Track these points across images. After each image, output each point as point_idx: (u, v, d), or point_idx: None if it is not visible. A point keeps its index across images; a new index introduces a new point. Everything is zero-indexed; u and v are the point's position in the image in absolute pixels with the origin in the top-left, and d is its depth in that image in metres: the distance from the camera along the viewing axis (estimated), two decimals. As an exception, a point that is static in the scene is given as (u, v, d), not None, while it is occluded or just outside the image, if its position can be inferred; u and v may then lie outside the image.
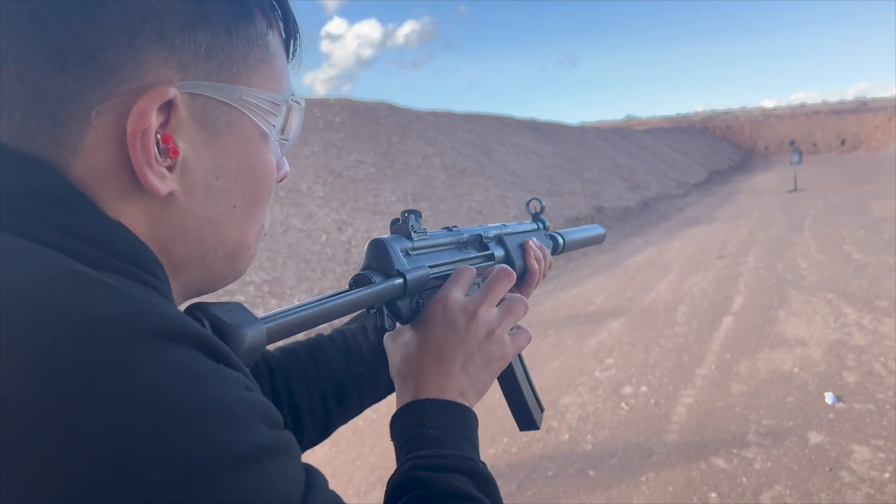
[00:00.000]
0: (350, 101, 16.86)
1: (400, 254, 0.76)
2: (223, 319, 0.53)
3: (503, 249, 1.00)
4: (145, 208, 0.52)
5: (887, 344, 5.69)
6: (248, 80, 0.56)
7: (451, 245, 0.89)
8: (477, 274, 0.90)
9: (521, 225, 1.09)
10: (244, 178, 0.57)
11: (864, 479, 3.61)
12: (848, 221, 13.42)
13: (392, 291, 0.73)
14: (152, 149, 0.50)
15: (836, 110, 62.70)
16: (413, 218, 0.81)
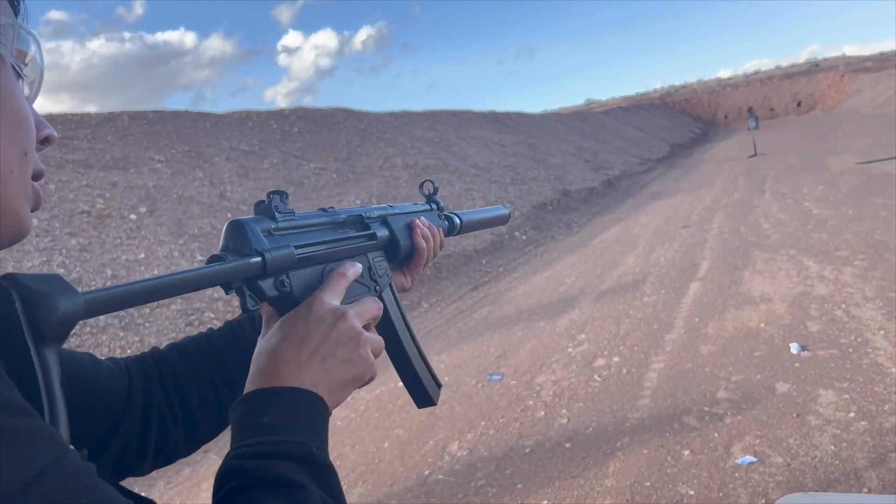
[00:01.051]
0: (306, 109, 16.80)
1: (260, 234, 0.73)
2: (33, 288, 0.51)
3: (387, 230, 0.97)
4: None
5: (848, 291, 5.81)
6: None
7: (326, 225, 0.86)
8: (359, 252, 0.90)
9: (411, 206, 1.07)
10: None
11: (831, 421, 3.69)
12: (807, 179, 13.65)
13: (249, 269, 0.70)
14: None
15: (789, 74, 63.66)
16: (278, 198, 0.78)
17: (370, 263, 0.92)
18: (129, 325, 6.32)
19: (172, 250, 8.12)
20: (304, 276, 0.79)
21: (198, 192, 10.25)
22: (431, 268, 9.97)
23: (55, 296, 0.52)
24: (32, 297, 0.51)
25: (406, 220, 1.01)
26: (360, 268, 0.85)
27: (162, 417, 0.86)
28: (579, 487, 3.50)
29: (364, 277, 0.89)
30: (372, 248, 0.93)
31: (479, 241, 11.79)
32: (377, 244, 0.94)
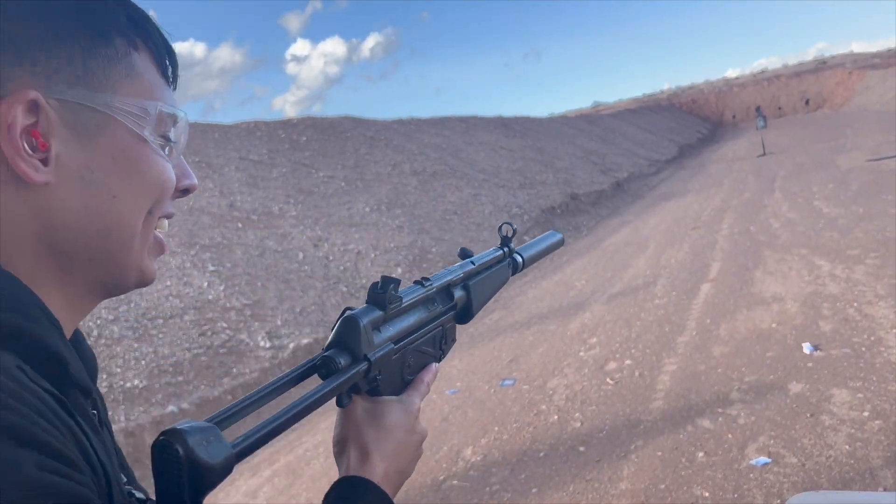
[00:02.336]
0: (314, 118, 16.89)
1: (370, 332, 0.79)
2: (196, 451, 0.58)
3: (465, 293, 1.01)
4: (29, 201, 0.60)
5: (860, 290, 5.78)
6: (114, 90, 0.64)
7: (421, 303, 0.90)
8: (440, 325, 0.95)
9: (488, 255, 1.11)
10: (122, 172, 0.64)
11: (845, 420, 3.68)
12: (817, 178, 13.59)
13: (356, 378, 0.77)
14: (20, 142, 0.58)
15: (796, 72, 63.32)
16: (392, 288, 0.82)
17: (444, 332, 0.97)
18: (143, 336, 6.37)
19: (184, 261, 8.18)
20: (390, 367, 0.84)
21: (208, 203, 10.32)
22: (442, 274, 9.99)
23: (215, 457, 0.59)
24: (195, 459, 0.57)
25: (486, 283, 1.08)
26: (436, 370, 0.94)
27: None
28: (594, 491, 3.51)
29: (434, 348, 0.95)
30: (451, 318, 0.98)
31: (487, 246, 11.77)
32: (456, 312, 1.00)
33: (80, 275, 0.65)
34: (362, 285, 9.08)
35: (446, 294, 0.97)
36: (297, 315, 7.74)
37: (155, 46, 0.70)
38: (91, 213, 0.63)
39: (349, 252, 9.98)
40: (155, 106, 0.68)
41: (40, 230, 0.61)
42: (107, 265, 0.66)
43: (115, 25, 0.65)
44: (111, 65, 0.64)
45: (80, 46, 0.62)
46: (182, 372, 6.01)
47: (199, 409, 5.57)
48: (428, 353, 0.93)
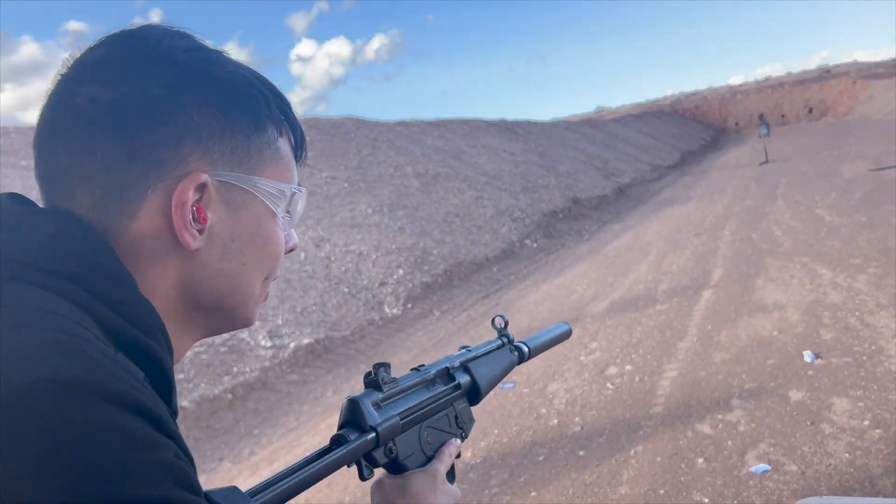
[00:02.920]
0: (318, 119, 16.91)
1: (371, 409, 0.85)
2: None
3: (469, 376, 1.07)
4: (178, 260, 0.70)
5: (861, 299, 5.79)
6: (262, 172, 0.75)
7: (420, 385, 0.96)
8: (448, 405, 1.01)
9: (486, 345, 1.16)
10: (254, 243, 0.75)
11: (845, 429, 3.68)
12: (819, 186, 13.59)
13: (366, 446, 0.82)
14: (188, 216, 0.68)
15: (800, 80, 63.39)
16: (383, 371, 0.88)
17: (456, 413, 1.03)
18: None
19: (186, 259, 8.20)
20: (405, 440, 0.90)
21: (211, 202, 10.33)
22: (443, 276, 10.01)
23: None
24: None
25: (486, 363, 1.12)
26: (459, 444, 1.00)
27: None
28: (593, 495, 3.51)
29: (452, 426, 1.02)
30: (458, 398, 1.04)
31: (490, 248, 11.83)
32: (462, 392, 1.05)
33: (201, 321, 0.75)
34: (364, 286, 9.09)
35: (447, 377, 1.03)
36: (298, 315, 7.75)
37: (293, 132, 0.81)
38: (225, 275, 0.73)
39: (351, 253, 9.98)
40: (290, 188, 0.78)
41: (183, 283, 0.71)
42: (225, 315, 0.76)
43: (269, 115, 0.75)
44: (262, 150, 0.75)
45: (243, 135, 0.72)
46: (182, 369, 6.02)
47: (199, 407, 5.57)
48: (446, 431, 0.99)
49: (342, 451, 0.80)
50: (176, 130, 0.68)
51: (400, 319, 8.44)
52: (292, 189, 0.78)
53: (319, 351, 7.11)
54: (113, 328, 0.61)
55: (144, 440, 0.51)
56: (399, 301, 8.87)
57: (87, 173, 0.67)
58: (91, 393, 0.50)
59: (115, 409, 0.50)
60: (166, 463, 0.52)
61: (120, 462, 0.48)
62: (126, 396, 0.52)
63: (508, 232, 13.04)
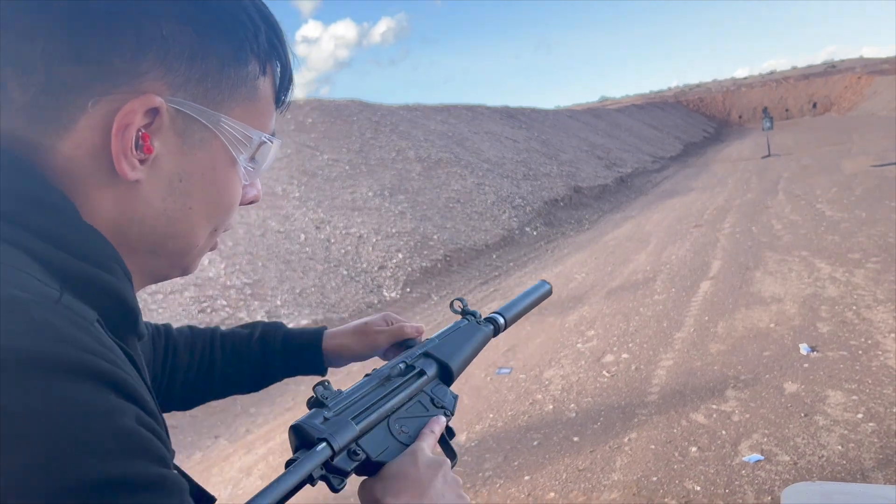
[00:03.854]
0: (320, 101, 16.85)
1: (318, 425, 0.80)
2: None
3: (434, 361, 1.02)
4: (115, 190, 0.62)
5: (859, 294, 5.80)
6: (229, 111, 0.66)
7: (374, 387, 0.91)
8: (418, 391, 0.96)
9: (449, 328, 1.11)
10: (205, 188, 0.66)
11: (839, 422, 3.70)
12: (821, 181, 13.58)
13: (320, 456, 0.76)
14: (130, 141, 0.59)
15: (805, 74, 63.20)
16: (321, 389, 0.84)
17: (430, 395, 0.98)
18: (142, 310, 6.37)
19: (186, 237, 8.20)
20: (373, 439, 0.85)
21: (212, 181, 10.32)
22: (442, 261, 10.02)
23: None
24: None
25: (450, 341, 1.07)
26: (443, 420, 0.94)
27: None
28: (586, 480, 3.53)
29: (431, 409, 0.96)
30: (426, 383, 0.98)
31: (490, 235, 11.83)
32: (429, 378, 0.99)
33: (137, 265, 0.66)
34: (363, 269, 9.09)
35: (406, 370, 0.97)
36: (297, 296, 7.76)
37: (281, 72, 0.72)
38: (167, 217, 0.65)
39: (351, 236, 9.98)
40: (260, 136, 0.69)
41: (118, 220, 0.62)
42: (163, 261, 0.68)
43: (254, 48, 0.67)
44: (236, 86, 0.66)
45: (217, 63, 0.64)
46: (180, 347, 6.04)
47: (197, 385, 5.60)
48: (424, 416, 0.94)
49: (295, 472, 0.73)
50: (138, 39, 0.59)
51: (398, 303, 8.45)
52: (262, 137, 0.70)
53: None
54: (57, 266, 0.55)
55: (95, 409, 0.45)
56: (398, 285, 8.88)
57: (24, 62, 0.58)
58: (25, 363, 0.44)
59: (57, 378, 0.45)
60: (124, 431, 0.46)
61: (67, 438, 0.43)
62: (70, 360, 0.46)
63: (509, 219, 13.03)
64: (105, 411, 0.46)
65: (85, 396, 0.45)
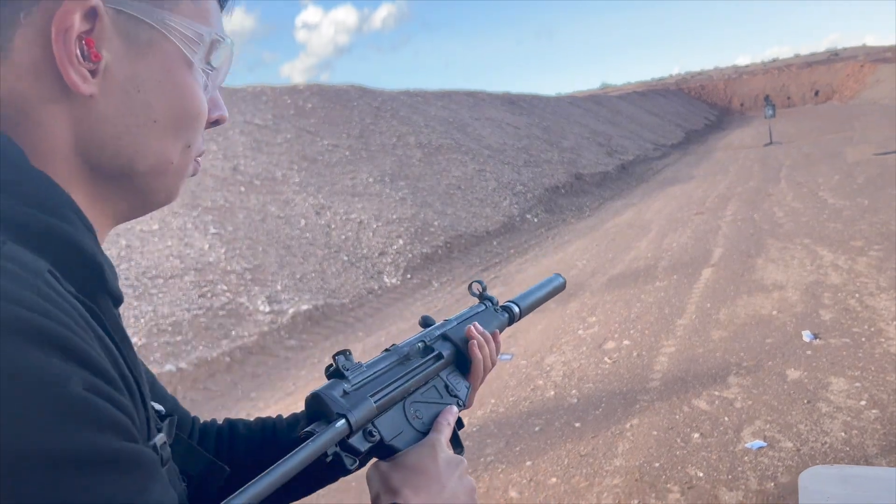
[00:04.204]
0: (320, 86, 16.77)
1: (338, 398, 0.77)
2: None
3: (451, 344, 1.00)
4: (69, 112, 0.57)
5: (862, 281, 5.78)
6: (174, 9, 0.61)
7: (393, 365, 0.89)
8: (431, 376, 0.93)
9: (467, 312, 1.09)
10: (165, 95, 0.61)
11: (841, 408, 3.69)
12: (823, 169, 13.53)
13: (338, 434, 0.73)
14: (74, 49, 0.54)
15: (808, 62, 62.91)
16: (342, 359, 0.80)
17: (445, 381, 0.96)
18: (142, 294, 6.37)
19: (186, 222, 8.16)
20: (388, 420, 0.82)
21: (211, 165, 10.28)
22: (443, 247, 10.00)
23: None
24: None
25: (465, 329, 1.03)
26: (456, 411, 0.91)
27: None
28: (588, 466, 3.52)
29: (444, 396, 0.94)
30: (442, 367, 0.96)
31: (490, 222, 11.80)
32: (445, 361, 0.97)
33: (112, 194, 0.62)
34: (363, 255, 9.07)
35: (424, 350, 0.95)
36: (298, 281, 7.74)
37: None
38: (132, 134, 0.60)
39: (351, 221, 9.95)
40: (210, 33, 0.65)
41: (77, 142, 0.57)
42: (139, 185, 0.63)
43: None
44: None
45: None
46: (181, 332, 6.02)
47: (197, 370, 5.58)
48: (437, 403, 0.92)
49: (312, 445, 0.70)
50: None
51: (399, 289, 8.44)
52: (213, 34, 0.65)
53: (318, 317, 7.11)
54: (4, 216, 0.50)
55: (31, 372, 0.41)
56: (398, 271, 8.86)
57: None
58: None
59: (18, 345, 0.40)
60: (67, 398, 0.41)
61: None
62: (28, 327, 0.42)
63: (509, 206, 13.00)
64: (45, 375, 0.41)
65: (18, 358, 0.40)
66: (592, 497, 3.22)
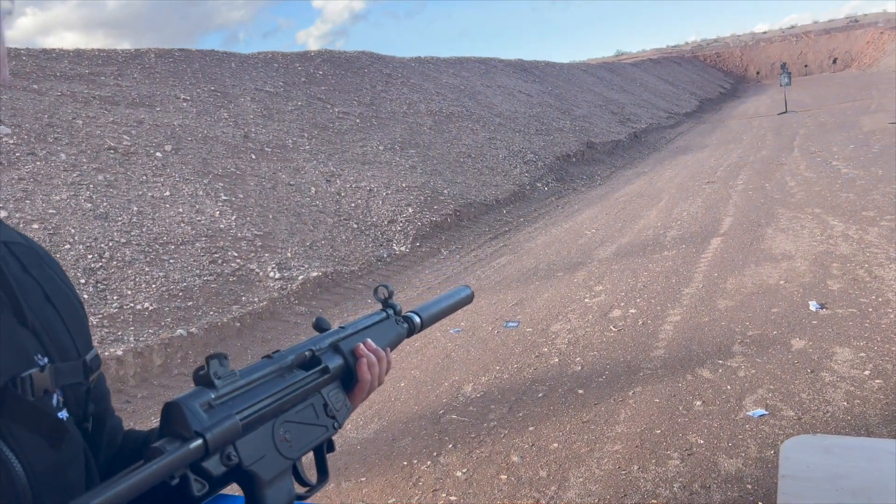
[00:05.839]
0: (331, 52, 16.65)
1: (199, 410, 0.68)
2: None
3: (340, 357, 0.92)
4: None
5: (872, 252, 5.75)
6: None
7: (272, 375, 0.80)
8: (311, 392, 0.85)
9: (365, 319, 1.02)
10: None
11: (845, 378, 3.71)
12: (838, 138, 13.38)
13: (191, 455, 0.65)
14: None
15: (826, 29, 61.73)
16: (216, 363, 0.72)
17: (325, 400, 0.88)
18: (154, 260, 6.43)
19: (197, 189, 8.20)
20: (252, 442, 0.74)
21: (223, 133, 10.28)
22: (452, 216, 10.00)
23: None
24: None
25: (359, 341, 0.96)
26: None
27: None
28: (590, 432, 3.57)
29: (321, 417, 0.86)
30: (326, 382, 0.88)
31: (500, 190, 11.77)
32: (331, 377, 0.89)
33: None
34: (372, 223, 9.09)
35: (311, 361, 0.87)
36: (308, 249, 7.78)
37: None
38: None
39: (361, 189, 9.96)
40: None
41: None
42: None
43: None
44: None
45: None
46: (192, 297, 6.08)
47: (208, 334, 5.65)
48: (311, 424, 0.84)
49: (154, 466, 0.61)
50: None
51: (408, 257, 8.46)
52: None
53: (327, 284, 7.16)
54: None
55: None
56: (408, 239, 8.88)
57: None
58: None
59: None
60: None
61: None
62: None
63: (520, 174, 12.95)
64: None
65: None
66: (593, 462, 3.26)
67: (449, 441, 3.68)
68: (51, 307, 0.78)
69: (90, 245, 6.28)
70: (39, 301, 0.77)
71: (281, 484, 0.78)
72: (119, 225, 6.81)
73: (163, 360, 5.29)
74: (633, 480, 3.07)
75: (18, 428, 0.67)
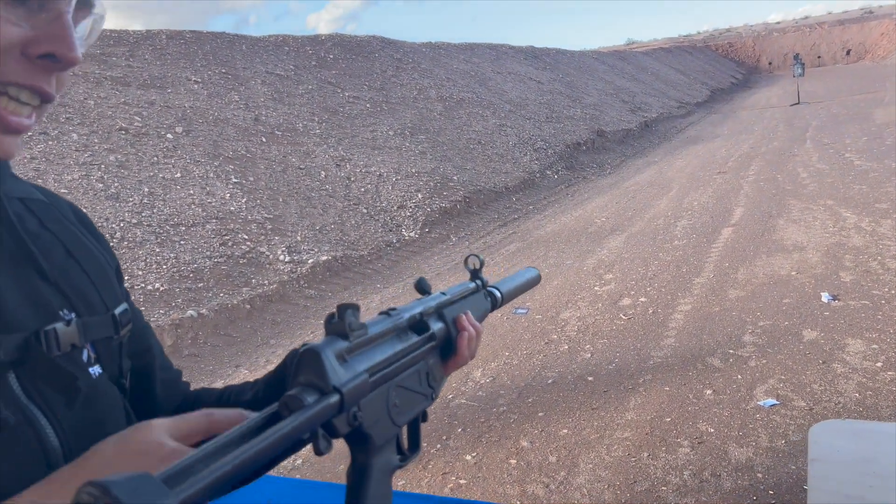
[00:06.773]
0: (342, 36, 16.60)
1: (336, 363, 0.66)
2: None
3: (443, 323, 0.92)
4: None
5: (885, 244, 5.72)
6: None
7: (391, 333, 0.79)
8: (420, 358, 0.84)
9: (461, 288, 1.02)
10: None
11: (857, 370, 3.70)
12: (851, 130, 13.29)
13: (327, 412, 0.62)
14: None
15: (840, 20, 61.23)
16: (350, 314, 0.70)
17: (428, 368, 0.87)
18: (165, 241, 6.45)
19: (208, 171, 8.21)
20: (372, 403, 0.73)
21: (233, 115, 10.27)
22: (462, 202, 9.99)
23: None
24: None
25: (458, 311, 0.96)
26: None
27: None
28: (599, 419, 3.57)
29: (423, 385, 0.85)
30: (431, 350, 0.88)
31: (510, 177, 11.74)
32: (436, 344, 0.89)
33: None
34: (382, 208, 9.09)
35: (421, 325, 0.86)
36: (317, 232, 7.79)
37: None
38: None
39: (371, 174, 9.95)
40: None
41: None
42: None
43: None
44: None
45: None
46: (202, 279, 6.10)
47: (218, 315, 5.67)
48: (416, 392, 0.82)
49: (297, 420, 0.58)
50: None
51: (417, 243, 8.47)
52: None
53: (337, 268, 7.17)
54: None
55: None
56: (417, 224, 8.88)
57: None
58: None
59: None
60: None
61: None
62: None
63: (530, 162, 12.91)
64: None
65: None
66: (603, 449, 3.27)
67: (458, 425, 3.69)
68: (74, 262, 0.76)
69: (101, 225, 6.30)
70: (61, 257, 0.75)
71: (388, 451, 0.76)
72: (130, 206, 6.83)
73: (173, 340, 5.31)
74: (643, 467, 3.07)
75: (44, 385, 0.65)
